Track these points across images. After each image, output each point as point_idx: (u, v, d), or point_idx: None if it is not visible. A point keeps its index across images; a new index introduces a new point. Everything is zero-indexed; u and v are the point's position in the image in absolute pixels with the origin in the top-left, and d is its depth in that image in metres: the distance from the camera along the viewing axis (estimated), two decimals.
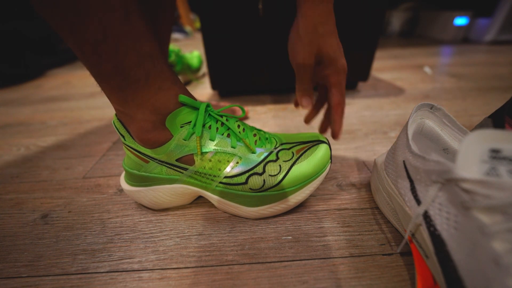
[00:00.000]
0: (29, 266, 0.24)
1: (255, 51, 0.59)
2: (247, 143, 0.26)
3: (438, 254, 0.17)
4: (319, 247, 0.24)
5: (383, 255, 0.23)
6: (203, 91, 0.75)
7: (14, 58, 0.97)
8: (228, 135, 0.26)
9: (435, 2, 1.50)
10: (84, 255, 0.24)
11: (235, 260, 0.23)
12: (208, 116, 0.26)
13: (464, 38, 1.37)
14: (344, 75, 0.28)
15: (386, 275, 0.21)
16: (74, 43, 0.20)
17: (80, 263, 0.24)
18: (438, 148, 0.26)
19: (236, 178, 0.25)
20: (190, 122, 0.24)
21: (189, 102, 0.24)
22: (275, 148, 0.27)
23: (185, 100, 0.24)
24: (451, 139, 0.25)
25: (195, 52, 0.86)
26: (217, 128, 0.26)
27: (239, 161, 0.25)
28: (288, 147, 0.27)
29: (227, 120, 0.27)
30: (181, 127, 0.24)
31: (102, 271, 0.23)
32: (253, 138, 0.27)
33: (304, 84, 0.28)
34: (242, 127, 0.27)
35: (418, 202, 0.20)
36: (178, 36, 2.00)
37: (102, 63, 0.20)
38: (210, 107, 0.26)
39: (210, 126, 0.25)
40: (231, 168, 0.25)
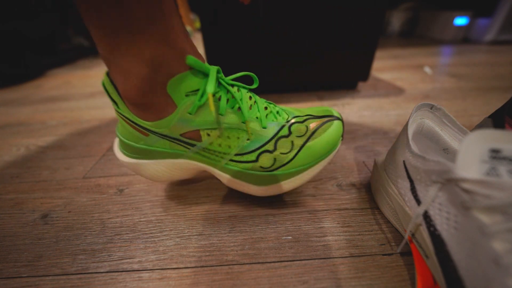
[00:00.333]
0: (29, 266, 0.24)
1: (255, 51, 0.59)
2: (258, 116, 0.24)
3: (438, 254, 0.17)
4: (319, 247, 0.24)
5: (383, 255, 0.23)
6: None
7: (14, 58, 0.97)
8: (239, 108, 0.23)
9: (435, 2, 1.50)
10: (84, 255, 0.24)
11: (235, 260, 0.23)
12: (218, 85, 0.22)
13: (464, 38, 1.37)
14: None
15: (386, 275, 0.21)
16: None
17: (80, 263, 0.24)
18: (438, 148, 0.26)
19: (247, 156, 0.24)
20: (198, 90, 0.21)
21: (198, 65, 0.20)
22: (287, 122, 0.25)
23: (193, 63, 0.20)
24: (451, 139, 0.25)
25: None
26: (227, 99, 0.23)
27: (249, 137, 0.23)
28: (302, 120, 0.26)
29: (238, 90, 0.24)
30: (186, 96, 0.21)
31: (102, 271, 0.23)
32: (264, 112, 0.25)
33: None
34: (254, 100, 0.25)
35: (418, 202, 0.20)
36: None
37: None
38: (221, 73, 0.23)
39: (220, 98, 0.22)
40: (241, 145, 0.23)
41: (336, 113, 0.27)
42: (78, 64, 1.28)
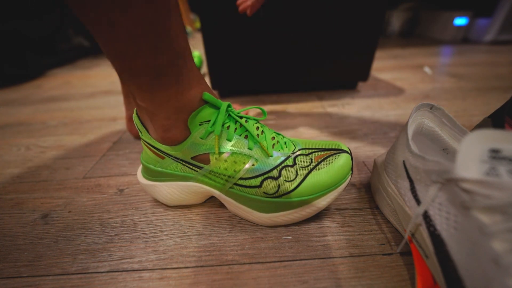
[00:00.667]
0: (29, 266, 0.24)
1: (255, 51, 0.59)
2: (263, 146, 0.25)
3: (438, 254, 0.17)
4: (319, 247, 0.24)
5: (383, 255, 0.23)
6: None
7: (14, 58, 0.97)
8: (246, 137, 0.25)
9: (435, 2, 1.50)
10: (84, 255, 0.24)
11: (235, 260, 0.23)
12: (227, 116, 0.25)
13: (464, 38, 1.37)
14: None
15: (386, 275, 0.21)
16: (107, 38, 0.18)
17: (80, 263, 0.24)
18: (438, 148, 0.26)
19: (251, 180, 0.24)
20: (209, 120, 0.24)
21: (212, 100, 0.23)
22: (293, 153, 0.26)
23: (208, 99, 0.23)
24: (451, 139, 0.25)
25: (195, 52, 0.86)
26: (235, 128, 0.25)
27: (255, 163, 0.24)
28: (307, 152, 0.26)
29: (246, 121, 0.26)
30: (199, 125, 0.24)
31: (102, 271, 0.23)
32: (271, 141, 0.26)
33: None
34: (261, 129, 0.27)
35: (418, 202, 0.20)
36: None
37: (135, 59, 0.19)
38: (231, 107, 0.26)
39: (229, 127, 0.25)
40: (247, 170, 0.24)
41: (344, 147, 0.27)
42: (78, 64, 1.28)
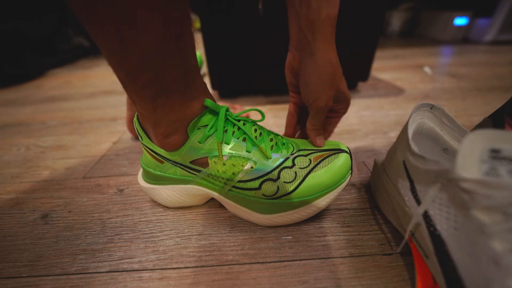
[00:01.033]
0: (29, 266, 0.24)
1: (255, 51, 0.59)
2: (262, 148, 0.25)
3: (438, 254, 0.17)
4: (319, 247, 0.24)
5: (383, 255, 0.23)
6: None
7: (14, 58, 0.97)
8: (244, 139, 0.25)
9: (435, 2, 1.50)
10: (84, 255, 0.24)
11: (235, 260, 0.23)
12: (225, 120, 0.25)
13: (464, 38, 1.37)
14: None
15: (386, 275, 0.21)
16: (118, 55, 0.18)
17: (80, 263, 0.24)
18: (438, 148, 0.26)
19: (250, 183, 0.24)
20: (207, 125, 0.24)
21: (212, 106, 0.24)
22: (292, 154, 0.26)
23: (209, 105, 0.23)
24: (451, 139, 0.25)
25: None
26: (233, 132, 0.25)
27: (253, 165, 0.24)
28: (306, 153, 0.26)
29: (244, 124, 0.26)
30: (197, 129, 0.24)
31: (102, 271, 0.23)
32: (269, 143, 0.26)
33: (320, 122, 0.28)
34: (259, 132, 0.27)
35: (418, 202, 0.20)
36: None
37: (143, 74, 0.19)
38: (229, 111, 0.26)
39: (227, 130, 0.25)
40: (245, 173, 0.24)
41: (344, 146, 0.27)
42: (78, 64, 1.28)
